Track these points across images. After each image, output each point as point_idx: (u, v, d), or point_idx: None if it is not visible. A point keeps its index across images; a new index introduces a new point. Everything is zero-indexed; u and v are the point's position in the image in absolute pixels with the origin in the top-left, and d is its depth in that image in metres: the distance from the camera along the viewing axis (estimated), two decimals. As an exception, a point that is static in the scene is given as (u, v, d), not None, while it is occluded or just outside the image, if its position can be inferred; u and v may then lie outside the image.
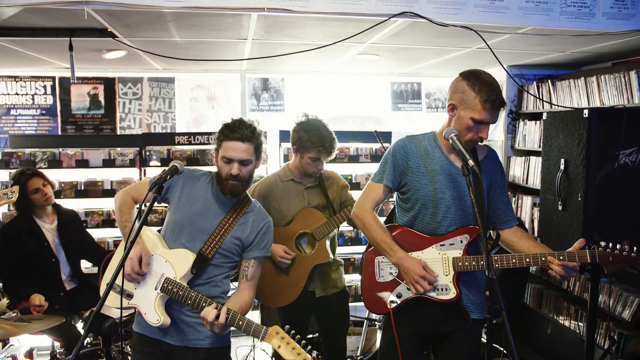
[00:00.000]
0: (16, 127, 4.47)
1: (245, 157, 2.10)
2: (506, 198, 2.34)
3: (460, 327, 2.24)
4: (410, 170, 2.22)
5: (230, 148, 2.08)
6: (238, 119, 2.16)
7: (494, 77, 2.10)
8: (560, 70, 4.33)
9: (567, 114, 2.77)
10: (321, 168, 2.88)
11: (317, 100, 4.86)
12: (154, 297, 2.06)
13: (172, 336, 2.12)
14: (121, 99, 4.59)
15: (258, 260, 2.24)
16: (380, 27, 2.75)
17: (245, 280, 2.20)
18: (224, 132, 2.12)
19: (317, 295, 2.94)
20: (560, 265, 2.02)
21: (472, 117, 2.07)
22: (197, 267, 2.09)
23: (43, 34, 2.86)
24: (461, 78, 2.12)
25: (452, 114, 2.14)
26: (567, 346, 3.61)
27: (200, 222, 2.15)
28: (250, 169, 2.15)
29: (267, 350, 4.09)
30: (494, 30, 2.76)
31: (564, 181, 2.76)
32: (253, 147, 2.12)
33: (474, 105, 2.06)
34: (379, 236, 2.22)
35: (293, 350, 1.77)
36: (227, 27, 2.77)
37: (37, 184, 3.30)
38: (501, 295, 1.82)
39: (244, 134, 2.08)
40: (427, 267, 2.15)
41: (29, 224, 3.31)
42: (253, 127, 2.13)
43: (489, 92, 2.04)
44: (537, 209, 3.97)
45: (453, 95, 2.14)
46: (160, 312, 2.04)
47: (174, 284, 2.04)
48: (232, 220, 2.17)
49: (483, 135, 2.12)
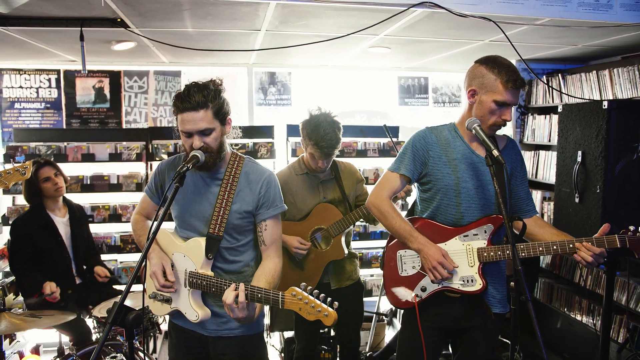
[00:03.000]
0: (20, 121, 4.40)
1: (204, 126, 1.90)
2: (526, 187, 2.32)
3: (480, 323, 2.22)
4: (431, 159, 2.19)
5: (186, 120, 1.89)
6: (188, 85, 1.93)
7: (508, 60, 2.09)
8: (568, 64, 4.33)
9: (584, 106, 2.75)
10: (322, 166, 2.80)
11: (324, 94, 4.83)
12: (187, 295, 2.02)
13: (207, 328, 2.08)
14: (127, 92, 4.54)
15: (272, 220, 2.07)
16: (396, 18, 2.72)
17: (265, 246, 2.07)
18: (175, 104, 1.91)
19: (332, 288, 2.91)
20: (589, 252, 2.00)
21: (495, 100, 2.05)
22: (211, 251, 2.00)
23: (54, 23, 2.82)
24: (478, 64, 2.11)
25: (472, 100, 2.12)
26: (578, 340, 3.60)
27: (197, 207, 2.06)
28: (215, 136, 1.94)
29: (276, 345, 4.06)
30: (512, 21, 2.74)
31: (581, 173, 2.74)
32: (212, 112, 1.91)
33: (496, 87, 2.04)
34: (397, 224, 2.18)
35: (313, 308, 1.66)
36: (243, 17, 2.73)
37: (49, 173, 3.27)
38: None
39: (195, 102, 1.87)
40: (447, 255, 2.12)
41: (44, 219, 3.28)
42: (207, 91, 1.90)
43: (509, 73, 2.03)
44: (547, 203, 3.97)
45: (472, 81, 2.11)
46: (197, 308, 2.01)
47: (196, 276, 1.99)
48: (227, 192, 2.03)
49: (507, 117, 2.10)
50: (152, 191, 2.22)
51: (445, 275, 2.09)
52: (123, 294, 1.68)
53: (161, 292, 2.06)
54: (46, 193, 3.28)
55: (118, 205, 4.22)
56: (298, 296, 1.69)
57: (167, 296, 2.09)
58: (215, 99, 1.93)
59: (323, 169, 2.84)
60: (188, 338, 2.13)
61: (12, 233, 3.31)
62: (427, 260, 2.12)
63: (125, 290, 1.68)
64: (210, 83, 1.96)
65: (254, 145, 4.37)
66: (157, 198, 2.21)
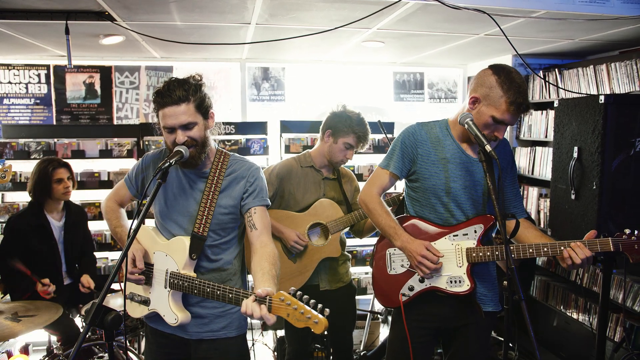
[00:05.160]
0: (9, 117, 4.34)
1: (187, 120, 1.86)
2: (516, 189, 2.28)
3: (471, 321, 2.18)
4: (419, 157, 2.14)
5: (167, 115, 1.85)
6: (168, 80, 1.90)
7: (523, 78, 2.01)
8: (565, 59, 4.27)
9: (580, 101, 2.69)
10: (350, 158, 2.86)
11: (318, 90, 4.77)
12: (166, 296, 1.95)
13: (187, 330, 2.02)
14: (118, 88, 4.47)
15: (260, 207, 2.00)
16: (389, 11, 2.66)
17: (256, 230, 1.96)
18: (156, 100, 1.88)
19: (321, 289, 2.87)
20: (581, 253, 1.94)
21: (493, 116, 1.98)
22: (195, 251, 1.94)
23: (38, 16, 2.75)
24: (491, 72, 2.00)
25: (472, 107, 2.04)
26: (574, 338, 3.56)
27: (182, 203, 2.00)
28: (198, 130, 1.90)
29: (269, 344, 4.01)
30: (507, 13, 2.68)
31: (577, 170, 2.68)
32: (193, 105, 1.87)
33: (499, 105, 1.96)
34: (384, 220, 2.16)
35: (302, 314, 1.53)
36: (231, 10, 2.67)
37: (64, 174, 3.23)
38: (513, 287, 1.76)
39: (176, 96, 1.83)
40: (430, 246, 2.07)
41: (40, 221, 3.21)
42: (187, 85, 1.87)
43: (517, 95, 1.94)
44: (544, 200, 3.92)
45: (478, 88, 2.02)
46: (176, 310, 1.93)
47: (178, 277, 1.92)
48: (213, 189, 1.98)
49: (499, 135, 2.05)
50: (131, 181, 2.16)
51: (431, 268, 2.04)
52: (102, 294, 1.63)
53: (133, 282, 2.00)
54: (55, 194, 3.21)
55: (109, 203, 4.16)
56: (287, 301, 1.57)
57: (146, 297, 2.03)
58: (196, 92, 1.89)
59: (347, 161, 2.88)
60: (167, 343, 2.06)
61: (6, 231, 3.23)
62: (411, 257, 2.09)
63: (104, 290, 1.63)
64: (190, 78, 1.93)
65: (247, 141, 4.31)
66: (135, 189, 2.17)
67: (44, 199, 3.23)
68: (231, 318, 2.04)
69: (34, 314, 2.62)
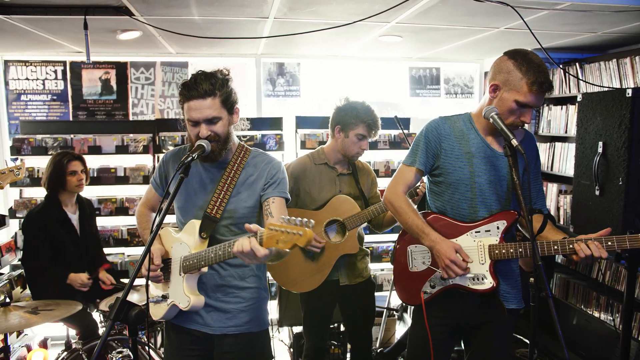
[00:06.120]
0: (27, 113, 4.36)
1: (211, 115, 1.85)
2: (538, 185, 2.23)
3: (493, 319, 2.14)
4: (443, 152, 2.10)
5: (192, 108, 1.85)
6: (194, 73, 1.89)
7: (540, 58, 1.96)
8: (585, 53, 4.18)
9: (606, 95, 2.64)
10: (365, 148, 2.81)
11: (334, 85, 4.73)
12: (181, 282, 1.94)
13: (212, 325, 2.01)
14: (133, 84, 4.48)
15: (279, 199, 1.97)
16: (410, 4, 2.62)
17: (272, 217, 1.93)
18: (182, 92, 1.87)
19: (341, 284, 2.85)
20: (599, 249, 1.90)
21: (517, 100, 1.93)
22: (205, 230, 1.92)
23: (57, 12, 2.75)
24: (507, 57, 1.97)
25: (493, 95, 2.00)
26: (594, 337, 3.50)
27: (201, 198, 2.00)
28: (222, 125, 1.89)
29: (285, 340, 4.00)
30: (531, 6, 2.62)
31: (602, 165, 2.63)
32: (219, 100, 1.86)
33: (520, 87, 1.92)
34: (411, 219, 2.11)
35: (288, 234, 1.47)
36: (250, 4, 2.65)
37: (77, 167, 3.26)
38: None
39: (203, 89, 1.83)
40: (460, 250, 2.03)
41: (61, 215, 3.24)
42: (214, 79, 1.86)
43: (537, 74, 1.89)
44: (563, 196, 3.86)
45: (496, 76, 1.99)
46: (189, 293, 1.92)
47: (190, 258, 1.90)
48: (230, 177, 1.96)
49: (525, 119, 1.99)
50: (157, 183, 2.17)
51: (459, 273, 2.01)
52: (125, 289, 1.62)
53: (153, 280, 1.99)
54: (68, 186, 3.23)
55: (125, 198, 4.17)
56: (274, 227, 1.52)
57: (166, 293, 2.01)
58: (222, 87, 1.88)
59: (362, 152, 2.83)
60: (190, 340, 2.05)
61: (28, 228, 3.20)
62: (439, 259, 2.05)
63: (128, 286, 1.62)
64: (217, 72, 1.91)
65: (262, 137, 4.30)
66: (162, 189, 2.17)
67: (59, 191, 3.26)
68: (254, 313, 2.04)
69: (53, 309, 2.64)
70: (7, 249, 3.87)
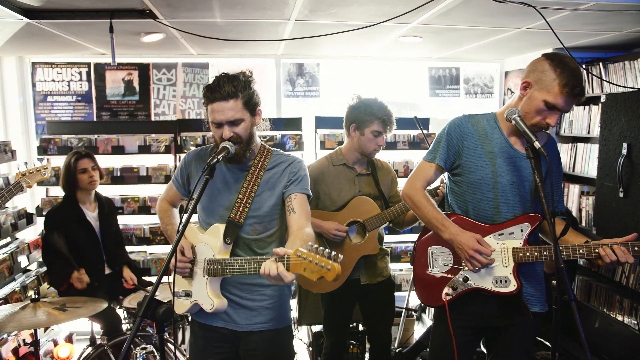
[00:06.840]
0: (53, 114, 4.47)
1: (234, 117, 1.89)
2: (559, 189, 2.21)
3: (517, 322, 2.12)
4: (465, 150, 2.10)
5: (215, 110, 1.89)
6: (218, 76, 1.92)
7: (577, 64, 1.96)
8: (608, 53, 4.12)
9: (631, 95, 2.60)
10: (382, 144, 2.81)
11: (353, 85, 4.75)
12: (204, 284, 1.98)
13: (238, 323, 2.05)
14: (155, 85, 4.56)
15: (301, 195, 2.00)
16: (431, 5, 2.61)
17: (294, 213, 1.95)
18: (205, 94, 1.91)
19: (362, 283, 2.86)
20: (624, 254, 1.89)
21: (546, 100, 1.92)
22: (229, 236, 1.96)
23: (84, 15, 2.82)
24: (544, 58, 1.98)
25: (523, 93, 2.00)
26: (617, 340, 3.45)
27: (225, 198, 2.03)
28: (245, 126, 1.93)
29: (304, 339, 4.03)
30: (554, 6, 2.60)
31: (627, 167, 2.60)
32: (241, 102, 1.90)
33: (551, 88, 1.91)
34: (430, 213, 2.11)
35: (316, 265, 1.52)
36: (272, 6, 2.68)
37: (87, 164, 3.34)
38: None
39: (225, 92, 1.86)
40: (482, 240, 2.02)
41: (78, 213, 3.35)
42: (237, 81, 1.89)
43: (571, 77, 1.88)
44: (585, 197, 3.81)
45: (530, 74, 1.99)
46: (213, 296, 1.96)
47: (214, 263, 1.94)
48: (253, 181, 2.00)
49: (551, 122, 1.97)
50: (179, 182, 2.21)
51: (484, 262, 1.99)
52: (153, 287, 1.66)
53: (180, 273, 2.04)
54: (80, 184, 3.34)
55: (147, 197, 4.25)
56: (302, 255, 1.57)
57: (189, 290, 2.06)
58: (245, 89, 1.91)
59: (380, 148, 2.83)
60: (216, 337, 2.09)
61: (46, 224, 3.39)
62: (461, 251, 2.03)
63: (156, 284, 1.66)
64: (240, 74, 1.94)
65: (282, 137, 4.33)
66: (184, 189, 2.21)
67: (74, 190, 3.36)
68: (278, 310, 2.07)
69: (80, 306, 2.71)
70: (34, 246, 3.97)
